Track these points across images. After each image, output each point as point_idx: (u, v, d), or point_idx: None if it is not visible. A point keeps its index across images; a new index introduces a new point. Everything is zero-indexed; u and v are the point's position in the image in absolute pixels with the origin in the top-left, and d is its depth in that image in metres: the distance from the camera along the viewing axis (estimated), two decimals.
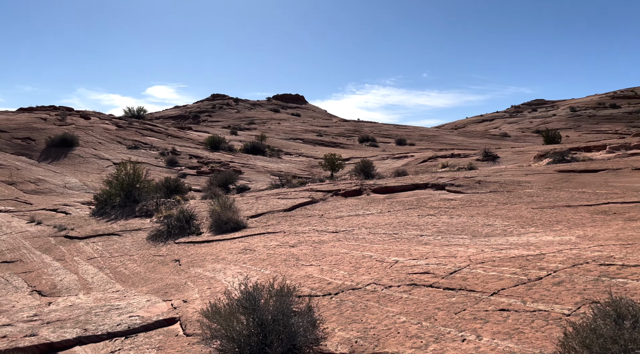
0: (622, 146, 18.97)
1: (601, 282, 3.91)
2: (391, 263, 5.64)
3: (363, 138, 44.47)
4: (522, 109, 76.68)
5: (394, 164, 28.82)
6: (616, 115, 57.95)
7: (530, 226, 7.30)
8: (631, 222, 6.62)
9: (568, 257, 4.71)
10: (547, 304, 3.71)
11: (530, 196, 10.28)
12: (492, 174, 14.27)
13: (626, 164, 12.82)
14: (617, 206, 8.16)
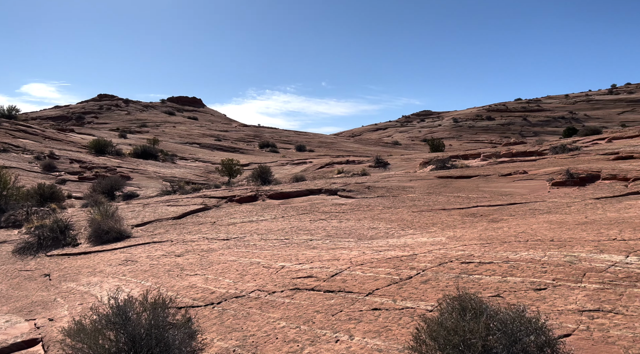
0: (493, 155, 21.16)
1: (461, 279, 4.30)
2: (277, 269, 5.67)
3: (263, 144, 44.38)
4: (412, 119, 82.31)
5: (293, 170, 29.14)
6: (491, 126, 64.61)
7: (410, 229, 7.81)
8: (493, 223, 7.40)
9: (436, 256, 5.11)
10: (414, 301, 3.99)
11: (412, 200, 11.02)
12: (380, 180, 15.06)
13: (495, 171, 14.31)
14: (484, 208, 9.07)
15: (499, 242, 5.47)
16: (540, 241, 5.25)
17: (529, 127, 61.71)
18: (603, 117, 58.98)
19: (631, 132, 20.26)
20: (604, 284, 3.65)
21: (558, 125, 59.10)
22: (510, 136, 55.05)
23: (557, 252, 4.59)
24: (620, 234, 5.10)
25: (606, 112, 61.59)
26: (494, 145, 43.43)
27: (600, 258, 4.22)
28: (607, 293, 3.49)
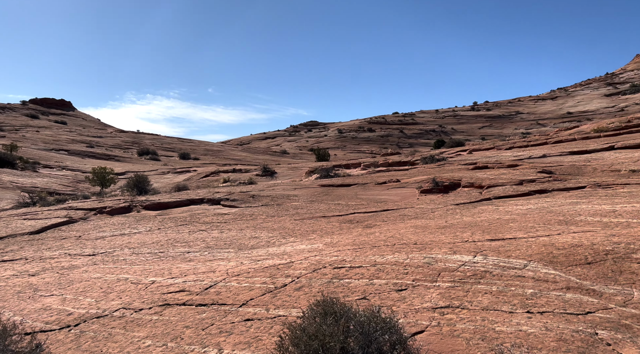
0: (372, 164, 22.42)
1: (332, 283, 4.44)
2: (147, 285, 5.33)
3: (143, 151, 41.79)
4: (300, 129, 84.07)
5: (174, 179, 27.83)
6: (372, 137, 68.56)
7: (291, 236, 7.90)
8: (367, 229, 7.80)
9: (312, 263, 5.23)
10: (286, 309, 4.02)
11: (295, 208, 11.20)
12: (266, 189, 15.07)
13: (372, 179, 15.15)
14: (361, 215, 9.55)
15: (370, 246, 5.77)
16: (406, 244, 5.65)
17: (405, 139, 66.63)
18: (467, 131, 66.01)
19: (487, 145, 22.91)
20: (455, 283, 4.04)
21: (430, 137, 64.70)
22: (389, 146, 59.02)
23: (418, 254, 4.97)
24: (472, 236, 5.70)
25: (469, 127, 69.06)
26: (373, 155, 46.11)
27: (453, 259, 4.66)
28: (457, 290, 3.86)
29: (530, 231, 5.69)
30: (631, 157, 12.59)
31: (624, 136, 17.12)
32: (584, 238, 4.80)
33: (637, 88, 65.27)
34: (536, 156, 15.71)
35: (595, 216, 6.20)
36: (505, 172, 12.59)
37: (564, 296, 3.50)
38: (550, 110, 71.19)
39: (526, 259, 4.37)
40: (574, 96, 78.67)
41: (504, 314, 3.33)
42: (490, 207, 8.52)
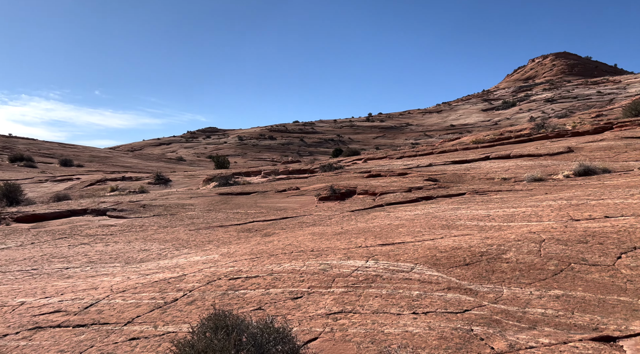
0: (272, 172, 22.42)
1: (227, 295, 4.31)
2: (14, 307, 4.72)
3: (16, 157, 37.37)
4: (198, 135, 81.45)
5: (54, 188, 25.28)
6: (273, 145, 68.71)
7: (185, 248, 7.56)
8: (266, 238, 7.74)
9: (206, 275, 5.03)
10: (177, 325, 3.81)
11: (191, 218, 10.76)
12: (158, 198, 14.30)
13: (272, 187, 15.13)
14: (260, 223, 9.46)
15: (268, 255, 5.72)
16: (303, 251, 5.70)
17: (305, 147, 67.79)
18: (362, 141, 69.03)
19: (380, 155, 24.14)
20: (348, 288, 4.14)
21: (328, 146, 66.55)
22: (290, 154, 59.60)
23: (314, 261, 5.03)
24: (365, 242, 5.92)
25: (365, 136, 72.33)
26: (274, 163, 46.22)
27: (347, 264, 4.78)
28: (350, 295, 3.97)
29: (417, 235, 6.06)
30: (503, 166, 14.07)
31: (497, 147, 19.12)
32: (463, 241, 5.22)
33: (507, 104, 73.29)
34: (423, 165, 16.87)
35: (473, 220, 6.80)
36: (396, 180, 13.34)
37: (445, 296, 3.76)
38: (436, 122, 77.25)
39: (413, 262, 4.64)
40: (456, 110, 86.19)
41: (393, 316, 3.48)
42: (383, 213, 8.94)
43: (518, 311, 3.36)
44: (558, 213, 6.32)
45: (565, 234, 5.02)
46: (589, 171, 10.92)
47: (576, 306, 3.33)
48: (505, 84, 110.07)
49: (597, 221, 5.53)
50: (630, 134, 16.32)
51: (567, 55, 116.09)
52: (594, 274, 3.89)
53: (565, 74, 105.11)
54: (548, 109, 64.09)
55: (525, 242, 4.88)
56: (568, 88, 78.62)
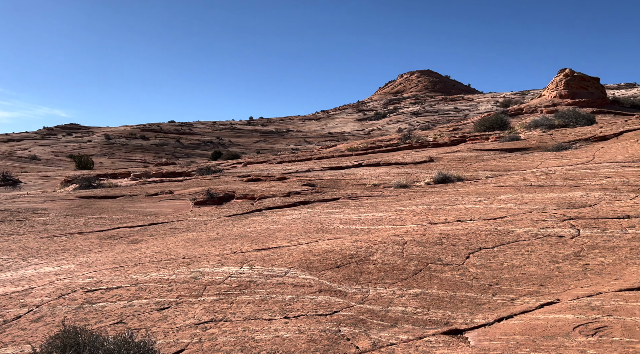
0: (143, 174, 21.03)
1: (82, 309, 3.89)
2: None
3: None
4: (57, 132, 73.21)
5: None
6: (146, 146, 64.55)
7: (34, 258, 6.68)
8: (133, 245, 7.19)
9: (58, 287, 4.49)
10: (18, 345, 3.32)
11: (44, 224, 9.58)
12: (4, 202, 12.51)
13: (143, 190, 14.18)
14: (126, 230, 8.77)
15: (133, 264, 5.31)
16: (173, 259, 5.40)
17: (182, 149, 64.92)
18: (243, 144, 68.39)
19: (261, 159, 24.11)
20: (220, 295, 4.01)
21: (207, 148, 64.61)
22: (164, 156, 56.55)
23: (185, 269, 4.79)
24: (241, 247, 5.82)
25: (246, 140, 71.76)
26: (146, 165, 43.45)
27: (220, 271, 4.64)
28: (221, 303, 3.85)
29: (293, 239, 6.13)
30: (374, 173, 14.99)
31: (369, 155, 20.34)
32: (335, 244, 5.42)
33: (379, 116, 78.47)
34: (302, 170, 17.25)
35: (346, 224, 7.10)
36: (275, 185, 13.42)
37: (316, 299, 3.84)
38: (315, 129, 79.77)
39: (287, 267, 4.67)
40: (334, 118, 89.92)
41: (265, 322, 3.45)
42: (261, 218, 8.91)
43: (382, 310, 3.56)
44: (419, 217, 6.89)
45: (425, 236, 5.49)
46: (446, 179, 12.15)
47: (432, 303, 3.64)
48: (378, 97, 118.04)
49: (451, 225, 6.15)
50: (479, 146, 18.56)
51: (430, 73, 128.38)
52: (447, 273, 4.29)
53: (429, 90, 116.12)
54: (414, 121, 70.11)
55: (390, 244, 5.22)
56: (431, 103, 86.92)
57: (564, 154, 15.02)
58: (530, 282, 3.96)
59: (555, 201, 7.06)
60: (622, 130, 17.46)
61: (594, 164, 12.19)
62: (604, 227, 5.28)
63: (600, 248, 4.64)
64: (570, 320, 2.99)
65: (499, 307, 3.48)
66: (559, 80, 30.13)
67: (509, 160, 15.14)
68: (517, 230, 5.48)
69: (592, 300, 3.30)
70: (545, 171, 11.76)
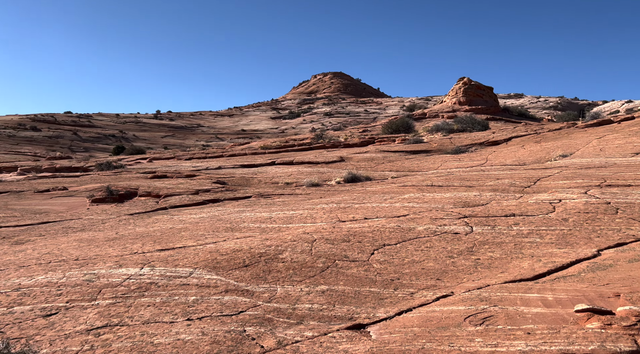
0: (33, 169, 19.13)
1: None
2: None
3: None
4: None
5: None
6: (37, 137, 58.80)
7: None
8: (17, 246, 6.47)
9: None
10: None
11: None
12: None
13: (32, 186, 12.89)
14: (10, 229, 7.89)
15: (16, 267, 4.79)
16: (65, 261, 4.96)
17: (80, 143, 60.09)
18: (150, 139, 65.00)
19: (168, 155, 23.08)
20: (117, 298, 3.75)
21: (109, 142, 60.46)
22: (59, 150, 51.90)
23: (77, 271, 4.42)
24: (142, 248, 5.50)
25: (152, 135, 68.26)
26: (37, 158, 39.65)
27: (118, 273, 4.35)
28: (118, 307, 3.60)
29: (200, 238, 5.93)
30: (286, 171, 15.03)
31: (282, 154, 20.37)
32: (244, 243, 5.33)
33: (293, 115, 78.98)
34: (213, 167, 16.80)
35: (256, 222, 7.02)
36: (183, 182, 12.91)
37: (222, 299, 3.74)
38: (228, 126, 78.20)
39: (193, 267, 4.50)
40: (247, 115, 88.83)
41: (165, 325, 3.29)
42: (166, 216, 8.51)
43: (289, 308, 3.56)
44: (329, 215, 7.02)
45: (333, 234, 5.60)
46: (355, 178, 12.53)
47: (337, 299, 3.71)
48: (292, 96, 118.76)
49: (359, 222, 6.34)
50: (386, 148, 19.41)
51: (343, 76, 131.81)
52: (352, 269, 4.41)
53: (341, 92, 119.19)
54: (326, 121, 71.52)
55: (300, 242, 5.25)
56: (343, 105, 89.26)
57: (461, 156, 16.22)
58: (428, 276, 4.20)
59: (452, 200, 7.58)
60: (511, 136, 19.28)
61: (486, 167, 13.30)
62: (493, 224, 5.76)
63: (490, 244, 5.05)
64: (462, 311, 3.21)
65: (399, 301, 3.64)
66: (458, 88, 32.50)
67: (413, 161, 16.02)
68: (418, 227, 5.79)
69: (481, 292, 3.58)
70: (445, 172, 12.61)
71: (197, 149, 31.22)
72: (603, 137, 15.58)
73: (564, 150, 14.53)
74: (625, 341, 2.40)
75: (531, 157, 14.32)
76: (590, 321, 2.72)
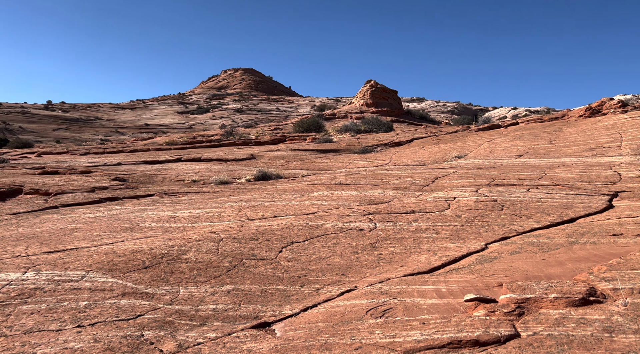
0: None
1: None
2: None
3: None
4: None
5: None
6: None
7: None
8: None
9: None
10: None
11: None
12: None
13: None
14: None
15: None
16: None
17: None
18: (39, 132, 59.16)
19: (60, 149, 21.19)
20: None
21: None
22: None
23: None
24: (26, 250, 4.98)
25: (42, 127, 62.20)
26: None
27: None
28: None
29: (95, 239, 5.51)
30: (194, 169, 14.52)
31: (190, 150, 19.66)
32: (145, 244, 5.04)
33: (202, 110, 76.58)
34: (112, 163, 15.73)
35: (159, 221, 6.69)
36: (77, 179, 11.92)
37: (118, 303, 3.50)
38: (130, 119, 73.69)
39: (85, 270, 4.17)
40: (152, 109, 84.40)
41: (52, 333, 3.00)
42: (56, 216, 7.80)
43: (192, 309, 3.43)
44: (238, 213, 6.90)
45: (241, 232, 5.51)
46: (266, 176, 12.46)
47: (243, 299, 3.66)
48: (201, 90, 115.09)
49: (268, 220, 6.31)
50: (297, 146, 19.58)
51: (254, 72, 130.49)
52: (260, 268, 4.38)
53: (252, 89, 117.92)
54: (237, 118, 70.36)
55: (206, 241, 5.10)
56: (254, 102, 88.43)
57: (367, 156, 16.86)
58: (334, 272, 4.30)
59: (359, 198, 7.84)
60: (413, 137, 20.44)
61: (390, 166, 13.96)
62: (395, 221, 6.06)
63: (392, 239, 5.30)
64: (364, 305, 3.33)
65: (305, 297, 3.68)
66: (366, 90, 33.76)
67: (323, 160, 16.33)
68: (326, 224, 5.90)
69: (382, 286, 3.74)
70: (353, 171, 13.02)
71: (95, 143, 29.03)
72: (492, 140, 17.12)
73: (459, 151, 15.72)
74: (505, 327, 2.64)
75: (430, 157, 15.30)
76: (477, 309, 2.96)
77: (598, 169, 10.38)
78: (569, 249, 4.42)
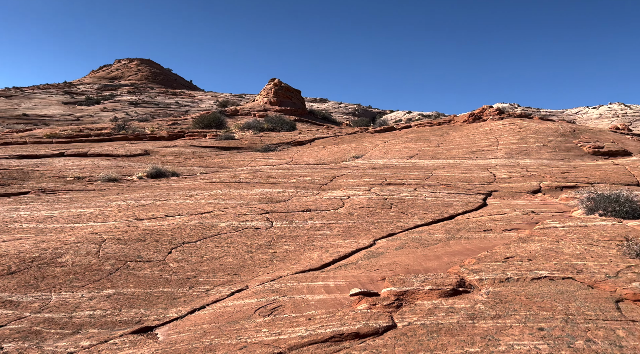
0: None
1: None
2: None
3: None
4: None
5: None
6: None
7: None
8: None
9: None
10: None
11: None
12: None
13: None
14: None
15: None
16: None
17: None
18: None
19: None
20: None
21: None
22: None
23: None
24: None
25: None
26: None
27: None
28: None
29: None
30: (79, 164, 13.36)
31: (75, 144, 18.06)
32: (12, 247, 4.53)
33: (92, 101, 70.84)
34: None
35: (32, 222, 6.05)
36: None
37: None
38: (4, 108, 65.76)
39: None
40: (31, 98, 76.17)
41: None
42: None
43: (64, 317, 3.15)
44: (125, 213, 6.48)
45: (127, 233, 5.18)
46: (160, 173, 11.86)
47: (125, 303, 3.44)
48: (90, 80, 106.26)
49: (158, 220, 6.01)
50: (197, 143, 18.93)
51: (151, 63, 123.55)
52: (146, 270, 4.15)
53: (149, 81, 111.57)
54: (132, 111, 66.14)
55: (86, 243, 4.71)
56: (151, 94, 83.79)
57: (270, 154, 16.84)
58: (226, 272, 4.22)
59: (258, 196, 7.79)
60: (315, 137, 20.84)
61: (292, 165, 14.09)
62: (292, 219, 6.12)
63: (287, 238, 5.35)
64: (254, 304, 3.31)
65: (194, 299, 3.57)
66: (270, 88, 33.69)
67: (224, 157, 15.98)
68: (221, 224, 5.78)
69: (273, 284, 3.75)
70: (254, 169, 12.91)
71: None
72: (387, 142, 18.05)
73: (357, 152, 16.35)
74: (384, 319, 2.80)
75: (330, 157, 15.72)
76: (361, 302, 3.09)
77: (477, 170, 11.44)
78: (446, 244, 4.81)
